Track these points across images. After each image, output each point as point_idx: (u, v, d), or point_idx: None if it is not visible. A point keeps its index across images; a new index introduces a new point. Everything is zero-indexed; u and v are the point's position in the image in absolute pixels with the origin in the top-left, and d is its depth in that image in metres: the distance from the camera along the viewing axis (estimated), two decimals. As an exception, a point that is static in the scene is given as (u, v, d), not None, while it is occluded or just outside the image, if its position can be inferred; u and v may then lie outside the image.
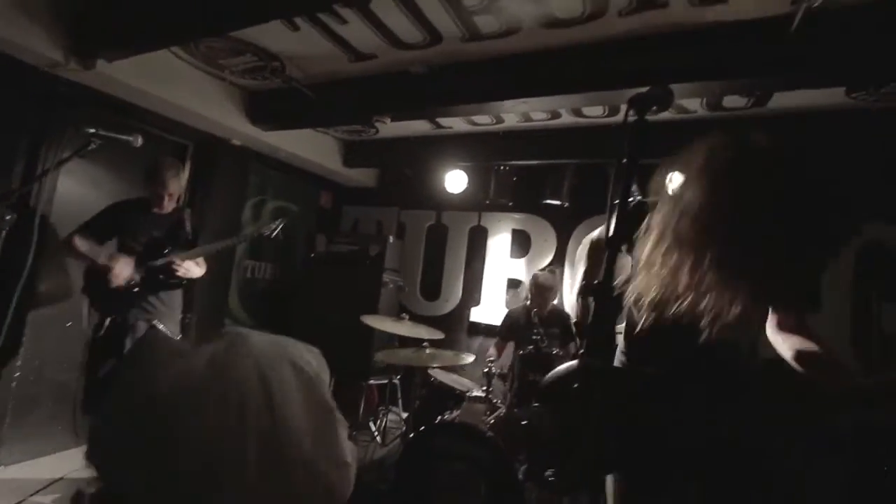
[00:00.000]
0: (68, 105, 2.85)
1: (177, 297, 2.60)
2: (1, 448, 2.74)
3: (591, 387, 0.67)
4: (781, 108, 2.92)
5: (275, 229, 2.59)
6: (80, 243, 2.37)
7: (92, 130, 1.93)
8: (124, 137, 2.03)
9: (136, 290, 2.39)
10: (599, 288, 0.69)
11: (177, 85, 3.11)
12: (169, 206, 2.55)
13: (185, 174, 2.83)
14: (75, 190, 3.02)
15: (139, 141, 2.09)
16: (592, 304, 0.71)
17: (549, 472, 1.05)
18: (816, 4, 1.92)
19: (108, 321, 2.39)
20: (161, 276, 2.44)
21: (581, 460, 0.99)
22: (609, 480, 1.17)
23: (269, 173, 4.47)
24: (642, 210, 1.06)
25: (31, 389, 2.85)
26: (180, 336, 2.60)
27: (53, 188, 2.90)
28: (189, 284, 2.65)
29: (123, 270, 2.34)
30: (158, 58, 2.86)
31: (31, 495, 2.36)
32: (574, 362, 1.13)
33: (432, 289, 4.84)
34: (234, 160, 4.00)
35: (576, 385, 0.73)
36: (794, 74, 2.16)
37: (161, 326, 2.43)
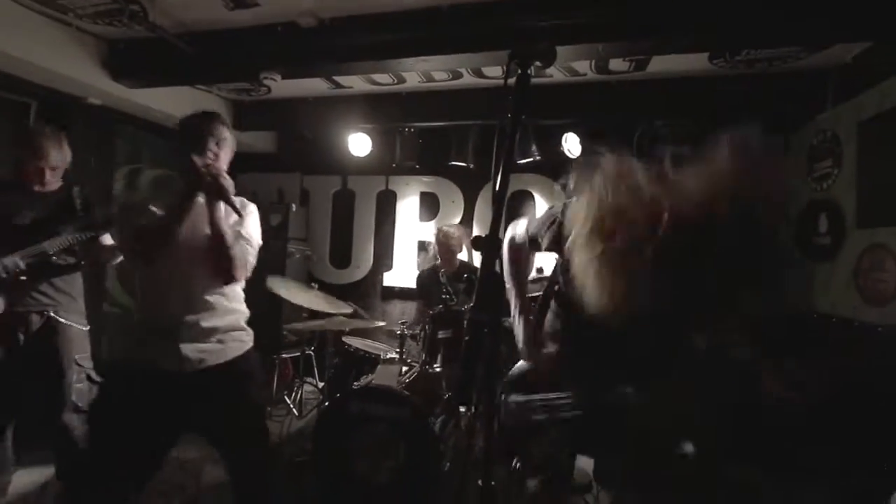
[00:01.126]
0: None
1: (76, 282, 2.27)
2: None
3: (478, 341, 0.70)
4: (658, 72, 3.22)
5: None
6: None
7: None
8: None
9: (22, 278, 2.04)
10: (486, 241, 0.71)
11: (1, 29, 2.54)
12: (53, 182, 2.18)
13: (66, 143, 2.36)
14: None
15: None
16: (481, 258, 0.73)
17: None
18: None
19: None
20: (54, 260, 2.11)
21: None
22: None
23: (143, 137, 3.92)
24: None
25: None
26: (87, 327, 2.27)
27: None
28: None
29: None
30: (-29, -8, 2.31)
31: None
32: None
33: (343, 256, 4.72)
34: (91, 122, 3.43)
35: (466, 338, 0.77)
36: (661, 38, 2.37)
37: (61, 319, 2.14)
